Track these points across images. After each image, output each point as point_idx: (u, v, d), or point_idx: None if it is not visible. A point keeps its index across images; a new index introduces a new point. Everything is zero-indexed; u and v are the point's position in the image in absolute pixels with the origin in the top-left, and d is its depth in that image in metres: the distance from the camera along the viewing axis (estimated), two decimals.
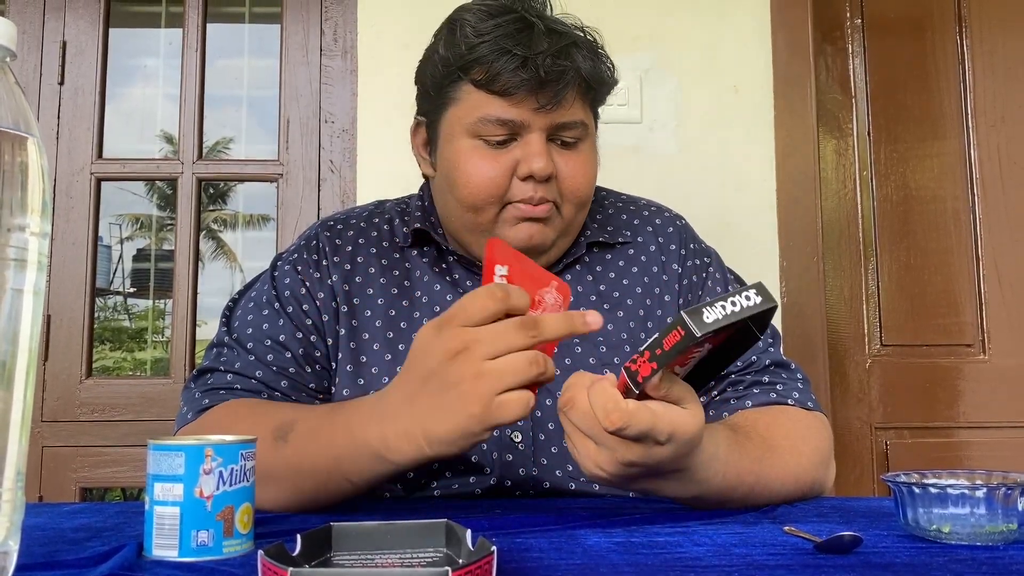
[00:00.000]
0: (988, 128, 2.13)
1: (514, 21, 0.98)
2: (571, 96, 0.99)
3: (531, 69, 0.95)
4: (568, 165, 1.01)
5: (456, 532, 0.60)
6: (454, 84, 1.01)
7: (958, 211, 2.11)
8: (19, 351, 0.54)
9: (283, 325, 1.01)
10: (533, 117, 0.98)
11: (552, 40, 0.97)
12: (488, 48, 0.96)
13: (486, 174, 0.98)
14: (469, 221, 1.02)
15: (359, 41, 1.99)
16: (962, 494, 0.64)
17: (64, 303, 1.97)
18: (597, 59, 1.03)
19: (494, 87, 0.97)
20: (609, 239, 1.11)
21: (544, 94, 0.97)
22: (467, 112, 1.00)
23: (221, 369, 0.98)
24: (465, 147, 1.00)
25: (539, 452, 0.98)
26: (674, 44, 1.98)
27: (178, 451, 0.62)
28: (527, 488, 0.97)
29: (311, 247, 1.08)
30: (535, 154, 0.97)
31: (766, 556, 0.62)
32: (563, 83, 0.97)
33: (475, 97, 0.99)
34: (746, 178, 1.96)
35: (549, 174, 0.98)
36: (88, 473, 1.93)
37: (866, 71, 2.15)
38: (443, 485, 0.97)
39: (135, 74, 3.07)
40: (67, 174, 2.01)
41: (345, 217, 1.13)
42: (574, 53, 0.99)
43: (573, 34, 1.01)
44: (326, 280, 1.04)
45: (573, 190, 1.01)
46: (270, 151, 2.10)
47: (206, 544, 0.61)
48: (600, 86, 1.04)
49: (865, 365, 2.06)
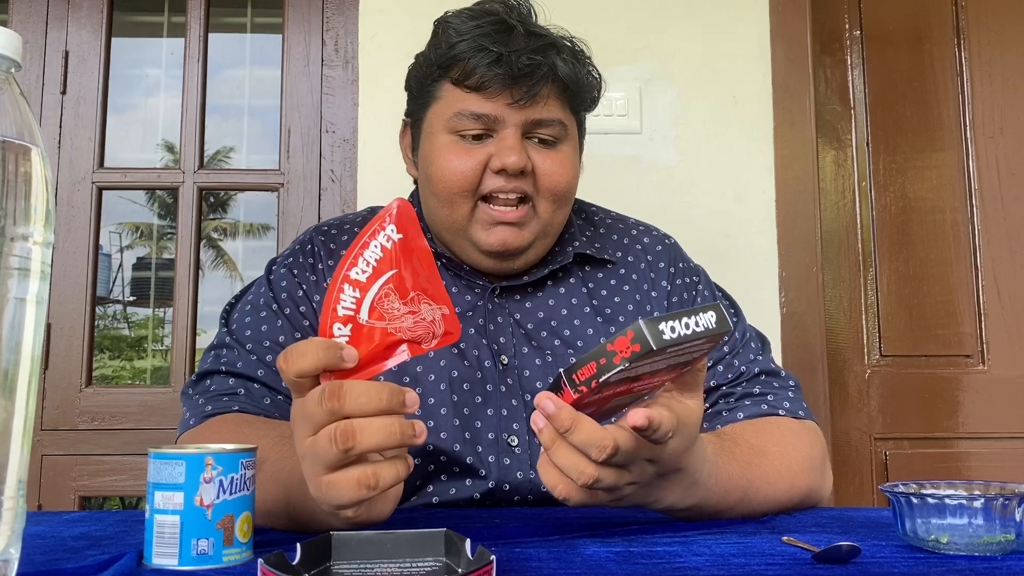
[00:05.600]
0: (987, 140, 2.13)
1: (494, 23, 1.01)
2: (546, 93, 1.01)
3: (505, 65, 0.98)
4: (545, 162, 1.02)
5: (455, 541, 0.60)
6: (435, 83, 1.04)
7: (957, 222, 2.12)
8: (22, 360, 0.54)
9: (281, 326, 1.02)
10: (508, 112, 1.00)
11: (530, 41, 1.00)
12: (466, 46, 1.00)
13: (459, 167, 1.01)
14: (445, 218, 1.03)
15: (360, 51, 2.00)
16: (960, 505, 0.64)
17: (65, 312, 1.97)
18: (578, 63, 1.05)
19: (469, 82, 1.00)
20: (596, 255, 1.12)
21: (518, 89, 0.99)
22: (445, 108, 1.03)
23: (222, 370, 0.99)
24: (442, 142, 1.03)
25: (535, 455, 0.98)
26: (674, 55, 1.99)
27: (178, 460, 0.62)
28: (525, 492, 0.98)
29: (306, 250, 1.09)
30: (508, 148, 0.99)
31: (765, 566, 0.62)
32: (536, 78, 0.99)
33: (453, 94, 1.02)
34: (745, 189, 1.96)
35: (522, 168, 0.99)
36: (87, 482, 1.93)
37: (865, 83, 2.16)
38: (440, 489, 0.97)
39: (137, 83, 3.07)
40: (69, 183, 2.01)
41: (339, 222, 1.15)
42: (551, 53, 1.01)
43: (553, 37, 1.04)
44: (321, 283, 1.06)
45: (550, 186, 1.02)
46: (271, 161, 2.11)
47: (206, 553, 0.62)
48: (579, 89, 1.05)
49: (864, 375, 2.06)
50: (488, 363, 1.02)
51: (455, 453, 0.97)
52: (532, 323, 1.07)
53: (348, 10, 2.04)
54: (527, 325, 1.06)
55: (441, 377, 1.01)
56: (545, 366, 1.03)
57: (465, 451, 0.98)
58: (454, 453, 0.97)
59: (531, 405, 1.01)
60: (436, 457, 0.97)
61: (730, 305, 1.15)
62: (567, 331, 1.06)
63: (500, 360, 1.03)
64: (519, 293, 1.09)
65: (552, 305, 1.08)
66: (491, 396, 1.01)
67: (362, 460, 0.63)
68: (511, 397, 1.01)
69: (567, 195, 1.05)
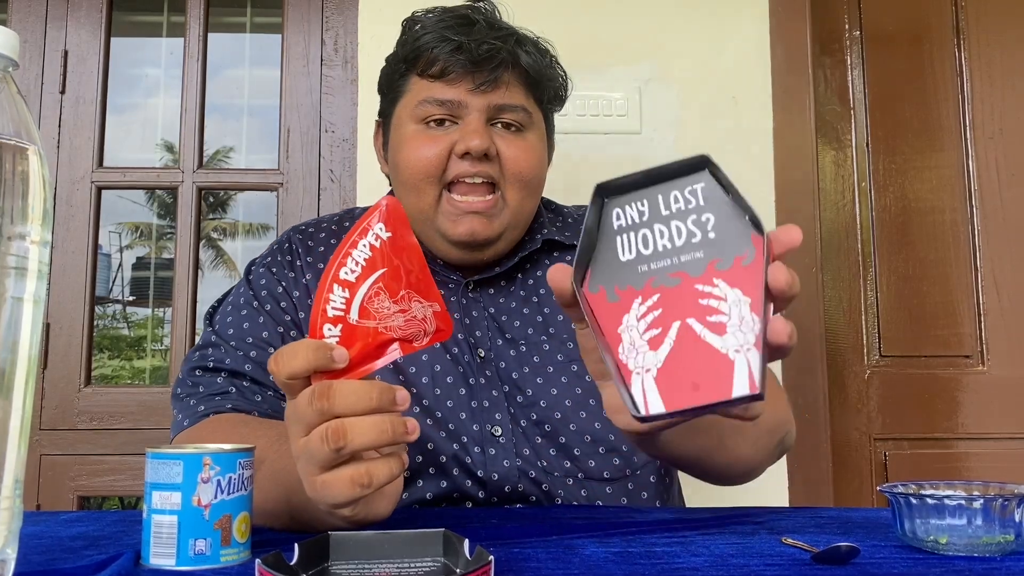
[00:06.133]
0: (986, 140, 2.13)
1: (458, 17, 1.05)
2: (508, 79, 1.04)
3: (466, 51, 1.02)
4: (510, 148, 1.04)
5: (454, 541, 0.60)
6: (403, 77, 1.08)
7: (956, 222, 2.12)
8: (19, 359, 0.54)
9: (263, 323, 1.03)
10: (470, 98, 1.03)
11: (492, 31, 1.04)
12: (430, 37, 1.04)
13: (424, 154, 1.03)
14: (413, 207, 1.05)
15: (360, 51, 2.00)
16: (959, 505, 0.64)
17: (63, 311, 1.97)
18: (540, 55, 1.08)
19: (433, 71, 1.03)
20: (566, 241, 1.14)
21: (480, 74, 1.02)
22: (411, 100, 1.06)
23: (210, 367, 0.99)
24: (408, 132, 1.05)
25: (520, 444, 1.00)
26: (673, 55, 1.99)
27: (176, 460, 0.62)
28: (514, 481, 0.98)
29: (284, 249, 1.11)
30: (472, 131, 1.02)
31: (763, 566, 0.62)
32: (496, 62, 1.03)
33: (419, 85, 1.06)
34: (744, 189, 1.95)
35: (485, 150, 1.01)
36: (86, 481, 1.92)
37: (865, 83, 2.16)
38: (429, 482, 0.98)
39: (136, 83, 3.07)
40: (68, 182, 2.01)
41: (316, 222, 1.17)
42: (511, 41, 1.05)
43: (515, 30, 1.08)
44: (300, 279, 1.07)
45: (515, 171, 1.04)
46: (270, 160, 2.11)
47: (204, 553, 0.61)
48: (541, 78, 1.08)
49: (864, 376, 2.06)
50: (467, 357, 1.04)
51: (440, 444, 0.98)
52: (505, 315, 1.08)
53: (348, 10, 2.04)
54: (501, 318, 1.08)
55: (423, 371, 1.02)
56: (519, 356, 1.05)
57: (450, 442, 0.99)
58: (440, 445, 0.98)
59: (510, 395, 1.02)
60: (423, 449, 0.98)
61: None
62: (539, 318, 1.08)
63: (477, 353, 1.05)
64: (492, 287, 1.11)
65: (523, 295, 1.10)
66: (472, 388, 1.02)
67: (356, 459, 0.63)
68: (491, 388, 1.03)
69: (533, 181, 1.07)
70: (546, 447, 1.00)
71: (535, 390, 1.03)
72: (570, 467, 1.00)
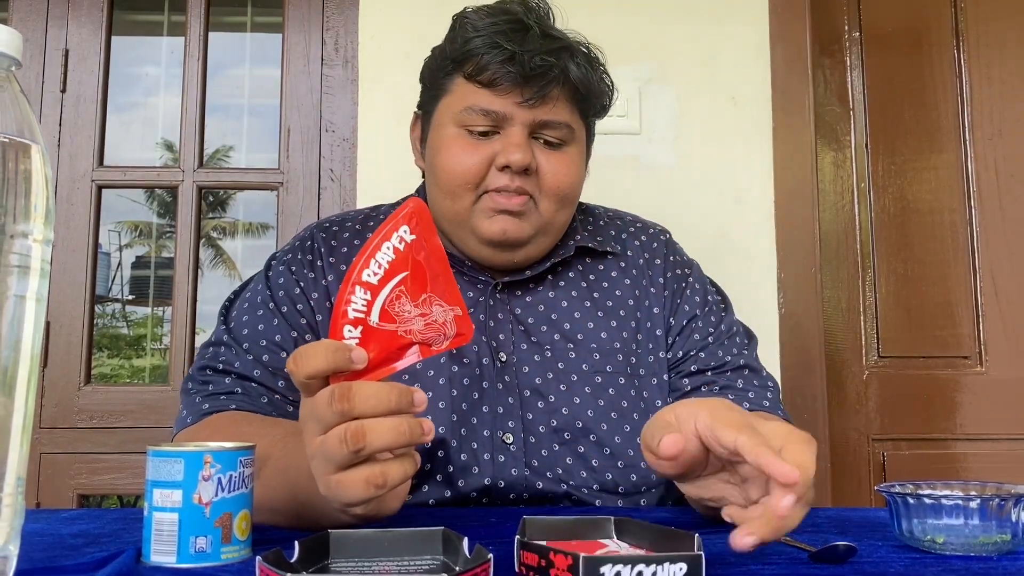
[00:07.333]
0: (985, 141, 2.14)
1: (511, 21, 1.02)
2: (556, 94, 1.02)
3: (518, 63, 0.99)
4: (549, 162, 1.03)
5: (453, 540, 0.60)
6: (448, 76, 1.05)
7: (955, 223, 2.12)
8: (21, 357, 0.54)
9: (278, 325, 1.02)
10: (516, 111, 1.01)
11: (545, 42, 1.01)
12: (481, 42, 1.01)
13: (464, 161, 1.01)
14: (447, 210, 1.04)
15: (360, 50, 2.00)
16: (956, 505, 0.65)
17: (64, 310, 1.97)
18: (591, 69, 1.05)
19: (481, 78, 1.01)
20: (598, 247, 1.13)
21: (528, 88, 1.00)
22: (456, 102, 1.03)
23: (220, 368, 0.99)
24: (449, 135, 1.03)
25: (530, 454, 0.99)
26: (673, 56, 1.99)
27: (177, 457, 0.62)
28: (520, 490, 0.98)
29: (306, 247, 1.09)
30: (514, 145, 1.00)
31: (761, 565, 0.62)
32: (548, 79, 1.00)
33: (464, 89, 1.03)
34: (744, 190, 1.96)
35: (526, 166, 1.00)
36: (86, 480, 1.93)
37: (864, 84, 2.16)
38: (435, 486, 0.97)
39: (137, 82, 3.07)
40: (68, 181, 2.02)
41: (340, 219, 1.15)
42: (564, 56, 1.02)
43: (569, 41, 1.05)
44: (320, 280, 1.06)
45: (552, 187, 1.03)
46: (270, 160, 2.11)
47: (204, 550, 0.62)
48: (589, 94, 1.06)
49: (862, 376, 2.07)
50: (486, 360, 1.03)
51: (451, 450, 0.98)
52: (532, 318, 1.07)
53: (348, 10, 2.04)
54: (527, 320, 1.07)
55: (440, 373, 1.01)
56: (544, 362, 1.04)
57: (461, 448, 0.98)
58: (450, 450, 0.98)
59: (527, 402, 1.01)
60: (432, 453, 0.97)
61: (721, 300, 1.16)
62: (567, 325, 1.07)
63: (499, 357, 1.03)
64: (520, 289, 1.09)
65: (552, 299, 1.09)
66: (487, 393, 1.01)
67: (371, 459, 0.63)
68: (507, 394, 1.01)
69: (569, 197, 1.06)
70: (563, 455, 0.99)
71: (557, 396, 1.02)
72: (586, 477, 0.99)
